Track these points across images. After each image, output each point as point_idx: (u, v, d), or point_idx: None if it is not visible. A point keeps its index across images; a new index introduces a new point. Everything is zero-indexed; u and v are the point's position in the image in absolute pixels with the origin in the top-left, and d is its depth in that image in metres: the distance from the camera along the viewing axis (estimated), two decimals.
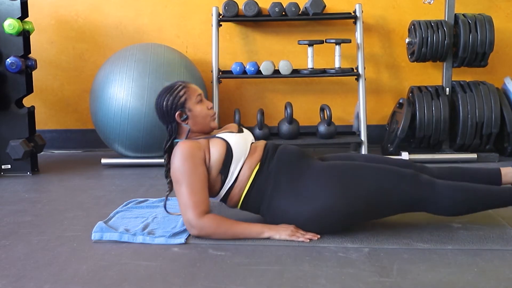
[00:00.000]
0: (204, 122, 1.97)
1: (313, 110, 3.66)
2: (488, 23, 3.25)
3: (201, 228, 1.82)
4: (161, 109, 1.96)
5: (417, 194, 1.83)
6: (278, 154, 1.94)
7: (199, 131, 1.98)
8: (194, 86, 2.01)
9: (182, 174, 1.83)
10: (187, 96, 1.95)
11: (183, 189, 1.83)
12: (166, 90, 1.97)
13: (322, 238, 1.86)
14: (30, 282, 1.57)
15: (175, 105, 1.93)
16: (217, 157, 1.87)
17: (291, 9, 3.43)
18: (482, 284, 1.50)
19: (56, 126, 3.90)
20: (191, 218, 1.82)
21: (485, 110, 3.19)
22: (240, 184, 1.90)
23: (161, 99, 1.96)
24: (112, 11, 3.77)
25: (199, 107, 1.96)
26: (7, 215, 2.27)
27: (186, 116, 1.95)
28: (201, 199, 1.83)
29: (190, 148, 1.86)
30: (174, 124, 1.97)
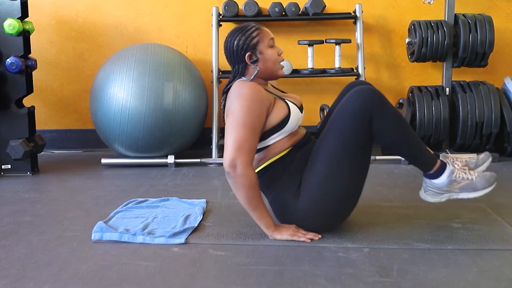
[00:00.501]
0: (273, 67, 1.91)
1: (313, 110, 3.66)
2: (488, 23, 3.25)
3: (244, 175, 1.73)
4: (231, 47, 1.87)
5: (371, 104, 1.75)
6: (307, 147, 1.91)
7: (265, 77, 1.92)
8: (267, 30, 1.93)
9: (247, 113, 1.75)
10: (260, 38, 1.87)
11: (242, 129, 1.74)
12: (239, 29, 1.88)
13: (322, 238, 1.86)
14: (30, 282, 1.57)
15: (247, 45, 1.85)
16: (274, 119, 1.83)
17: (291, 9, 3.43)
18: (482, 284, 1.51)
19: (56, 126, 3.90)
20: (240, 160, 1.73)
21: (485, 110, 3.19)
22: (266, 154, 1.87)
23: (232, 37, 1.87)
24: (112, 11, 3.77)
25: (270, 51, 1.89)
26: (7, 215, 2.27)
27: (256, 58, 1.87)
28: (255, 147, 1.78)
29: (262, 93, 1.81)
30: (242, 65, 1.89)
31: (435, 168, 1.88)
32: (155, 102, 3.09)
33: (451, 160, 1.92)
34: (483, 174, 1.90)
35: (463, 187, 1.88)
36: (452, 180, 1.87)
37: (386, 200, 2.39)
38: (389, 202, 2.35)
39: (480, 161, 1.98)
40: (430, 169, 1.88)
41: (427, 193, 1.93)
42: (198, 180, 2.92)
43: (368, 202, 2.23)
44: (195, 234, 1.93)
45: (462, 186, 1.88)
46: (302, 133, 1.96)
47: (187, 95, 3.21)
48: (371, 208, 2.20)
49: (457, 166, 1.90)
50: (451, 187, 1.88)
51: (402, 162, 3.19)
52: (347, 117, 1.78)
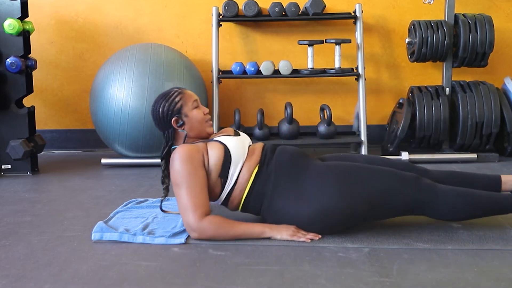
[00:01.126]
0: (201, 127, 1.99)
1: (313, 110, 3.66)
2: (488, 23, 3.25)
3: (202, 230, 1.82)
4: (157, 115, 1.97)
5: (417, 197, 1.82)
6: (277, 155, 1.94)
7: (196, 137, 1.99)
8: (190, 92, 2.02)
9: (181, 176, 1.83)
10: (183, 102, 1.96)
11: (182, 192, 1.83)
12: (162, 96, 1.98)
13: (322, 238, 1.86)
14: (30, 282, 1.57)
15: (171, 111, 1.95)
16: (216, 160, 1.88)
17: (291, 9, 3.43)
18: (482, 284, 1.50)
19: (56, 126, 3.90)
20: (191, 221, 1.81)
21: (485, 110, 3.19)
22: (240, 186, 1.91)
23: (157, 105, 1.97)
24: (112, 11, 3.77)
25: (195, 112, 1.97)
26: (7, 215, 2.27)
27: (183, 122, 1.96)
28: (201, 201, 1.83)
29: (189, 151, 1.86)
30: (171, 130, 1.98)
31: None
32: None
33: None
34: None
35: None
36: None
37: None
38: None
39: None
40: None
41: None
42: None
43: None
44: None
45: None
46: (259, 147, 1.99)
47: None
48: None
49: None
50: None
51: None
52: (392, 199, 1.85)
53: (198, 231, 1.82)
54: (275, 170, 1.90)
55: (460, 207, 1.85)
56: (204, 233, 1.82)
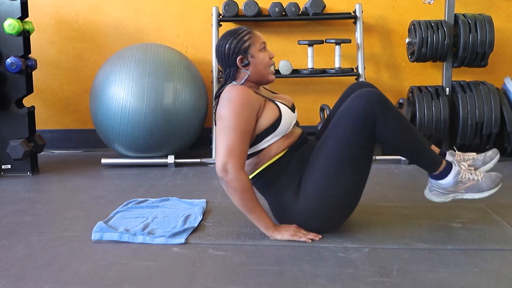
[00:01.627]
0: (264, 71, 1.91)
1: (313, 110, 3.66)
2: (488, 23, 3.25)
3: (236, 179, 1.74)
4: (222, 51, 1.88)
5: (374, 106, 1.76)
6: (304, 147, 1.91)
7: (257, 81, 1.92)
8: (259, 34, 1.94)
9: (237, 117, 1.76)
10: (252, 42, 1.88)
11: (232, 133, 1.75)
12: (230, 33, 1.89)
13: (322, 238, 1.86)
14: (30, 282, 1.57)
15: (238, 49, 1.86)
16: (265, 122, 1.83)
17: (291, 9, 3.43)
18: (482, 284, 1.51)
19: (56, 126, 3.90)
20: (231, 165, 1.74)
21: (485, 110, 3.19)
22: (261, 157, 1.87)
23: (224, 41, 1.88)
24: (112, 11, 3.77)
25: (262, 55, 1.89)
26: (7, 215, 2.27)
27: (248, 62, 1.88)
28: (245, 151, 1.78)
29: (252, 96, 1.81)
30: (233, 69, 1.89)
31: (440, 169, 1.88)
32: (155, 102, 3.09)
33: (457, 160, 1.92)
34: (489, 175, 1.90)
35: (469, 188, 1.88)
36: (458, 181, 1.87)
37: (386, 200, 2.39)
38: (389, 202, 2.35)
39: (487, 158, 1.97)
40: (435, 170, 1.88)
41: (432, 193, 1.93)
42: (198, 180, 2.92)
43: (368, 202, 2.22)
44: (195, 234, 1.93)
45: (467, 187, 1.88)
46: (298, 133, 1.95)
47: (187, 95, 3.21)
48: (371, 208, 2.20)
49: (463, 166, 1.90)
50: (456, 188, 1.88)
51: (402, 162, 3.19)
52: (349, 119, 1.78)
53: (232, 179, 1.74)
54: (296, 161, 1.87)
55: (401, 129, 1.79)
56: (235, 184, 1.75)
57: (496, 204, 2.24)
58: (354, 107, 1.78)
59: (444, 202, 1.93)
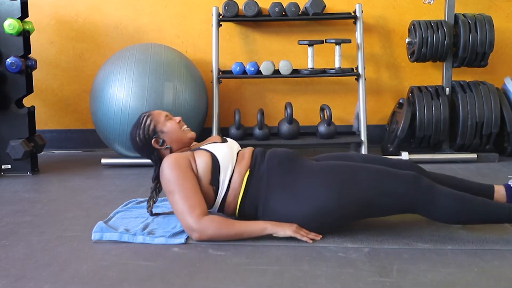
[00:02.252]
0: (181, 136, 2.01)
1: (313, 110, 3.66)
2: (488, 23, 3.25)
3: (202, 230, 1.81)
4: (138, 144, 2.02)
5: (415, 196, 1.80)
6: (268, 157, 1.95)
7: (180, 147, 2.02)
8: (158, 110, 2.06)
9: (172, 182, 1.85)
10: (155, 122, 2.01)
11: (176, 197, 1.84)
12: (134, 127, 2.04)
13: (322, 238, 1.85)
14: (30, 282, 1.57)
15: (148, 134, 1.99)
16: (204, 168, 1.89)
17: (291, 9, 3.43)
18: (482, 284, 1.51)
19: (56, 126, 3.90)
20: (190, 222, 1.81)
21: (485, 110, 3.19)
22: (233, 192, 1.91)
23: (133, 137, 2.02)
24: (112, 11, 3.77)
25: (169, 124, 2.01)
26: (7, 215, 2.27)
27: (163, 140, 1.99)
28: (196, 202, 1.83)
29: (175, 158, 1.89)
30: (156, 153, 2.01)
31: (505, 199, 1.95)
32: (155, 102, 3.09)
33: None
34: None
35: None
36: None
37: None
38: None
39: None
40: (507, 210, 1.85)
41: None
42: None
43: None
44: None
45: None
46: (250, 152, 1.99)
47: (187, 95, 3.21)
48: None
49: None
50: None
51: None
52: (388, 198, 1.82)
53: (199, 231, 1.81)
54: (267, 172, 1.90)
55: (456, 211, 1.81)
56: (205, 233, 1.81)
57: None
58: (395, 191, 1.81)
59: None
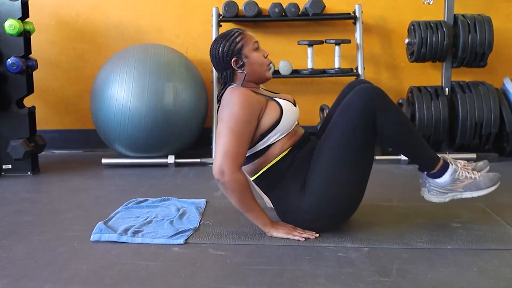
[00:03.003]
0: (260, 70, 1.92)
1: (313, 110, 3.66)
2: (487, 23, 3.26)
3: (233, 180, 1.76)
4: (216, 55, 1.90)
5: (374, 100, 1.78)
6: (308, 146, 1.92)
7: (254, 80, 1.94)
8: (251, 33, 1.95)
9: (236, 118, 1.78)
10: (244, 43, 1.89)
11: (230, 135, 1.77)
12: (222, 36, 1.91)
13: (322, 237, 1.86)
14: (30, 281, 1.58)
15: (232, 51, 1.88)
16: (269, 121, 1.84)
17: (291, 10, 3.44)
18: (482, 284, 1.51)
19: (56, 126, 3.91)
20: (227, 167, 1.75)
21: (484, 110, 3.19)
22: (266, 157, 1.88)
23: (217, 45, 1.90)
24: (112, 12, 3.78)
25: (255, 54, 1.91)
26: (7, 215, 2.28)
27: (243, 63, 1.89)
28: (243, 152, 1.79)
29: (252, 97, 1.82)
30: (229, 71, 1.91)
31: (438, 167, 1.89)
32: (155, 102, 3.09)
33: (453, 160, 1.93)
34: (486, 174, 1.91)
35: (467, 186, 1.89)
36: (455, 179, 1.88)
37: (386, 200, 2.39)
38: (389, 202, 2.36)
39: (478, 167, 1.99)
40: (433, 168, 1.89)
41: (430, 193, 1.93)
42: (198, 180, 2.92)
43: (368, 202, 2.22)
44: (195, 234, 1.94)
45: (465, 185, 1.89)
46: (301, 133, 1.96)
47: (187, 95, 3.21)
48: (371, 208, 2.21)
49: (459, 165, 1.90)
50: (454, 186, 1.89)
51: (402, 162, 3.20)
52: (350, 115, 1.79)
53: (228, 179, 1.75)
54: (300, 160, 1.88)
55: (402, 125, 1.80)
56: (232, 184, 1.76)
57: (495, 204, 2.24)
58: (354, 102, 1.80)
59: (443, 203, 1.94)
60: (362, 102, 1.78)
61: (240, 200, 1.80)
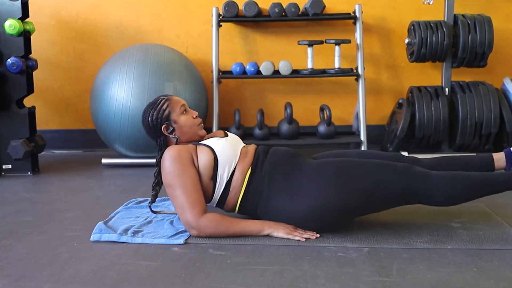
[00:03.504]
0: (191, 131, 1.99)
1: (313, 110, 3.66)
2: (487, 23, 3.26)
3: (201, 228, 1.83)
4: (147, 125, 1.99)
5: (411, 186, 1.82)
6: (270, 156, 1.95)
7: (188, 141, 2.00)
8: (177, 98, 2.03)
9: (173, 176, 1.84)
10: (171, 109, 1.98)
11: (177, 192, 1.84)
12: (149, 106, 2.01)
13: (322, 237, 1.86)
14: (30, 281, 1.58)
15: (160, 119, 1.96)
16: (205, 163, 1.89)
17: (291, 10, 3.44)
18: (482, 284, 1.51)
19: (56, 126, 3.91)
20: (189, 219, 1.82)
21: (484, 110, 3.19)
22: (234, 189, 1.91)
23: (146, 115, 1.99)
24: (112, 12, 3.78)
25: (183, 118, 1.98)
26: (7, 215, 2.28)
27: (173, 128, 1.97)
28: (196, 199, 1.84)
29: (178, 150, 1.88)
30: (162, 138, 1.99)
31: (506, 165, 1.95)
32: None
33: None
34: None
35: None
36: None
37: None
38: None
39: None
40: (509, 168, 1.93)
41: None
42: None
43: None
44: None
45: None
46: (252, 150, 1.99)
47: (187, 95, 3.21)
48: None
49: None
50: None
51: None
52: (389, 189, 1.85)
53: (198, 229, 1.83)
54: (269, 171, 1.90)
55: (456, 191, 1.84)
56: (204, 231, 1.83)
57: (496, 204, 2.24)
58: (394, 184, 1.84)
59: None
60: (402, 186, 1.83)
61: (223, 233, 1.85)
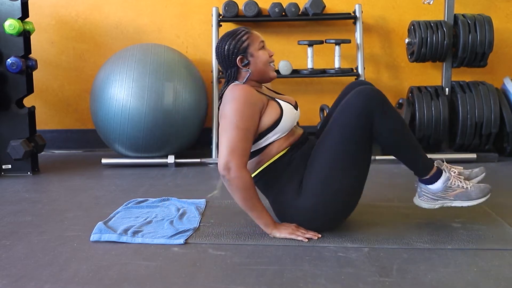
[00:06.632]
0: (265, 69, 1.92)
1: (313, 110, 3.66)
2: (488, 23, 3.26)
3: (238, 177, 1.75)
4: (222, 53, 1.90)
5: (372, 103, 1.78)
6: (306, 146, 1.92)
7: (258, 79, 1.93)
8: (257, 33, 1.95)
9: (240, 114, 1.77)
10: (250, 41, 1.89)
11: (236, 131, 1.76)
12: (229, 34, 1.91)
13: (322, 237, 1.86)
14: (30, 282, 1.58)
15: (238, 49, 1.88)
16: (267, 121, 1.84)
17: (291, 10, 3.44)
18: (482, 284, 1.51)
19: (56, 126, 3.91)
20: (233, 163, 1.75)
21: (485, 110, 3.19)
22: (263, 156, 1.88)
23: (223, 42, 1.90)
24: (112, 11, 3.78)
25: (261, 53, 1.91)
26: (7, 215, 2.28)
27: (248, 62, 1.89)
28: (248, 148, 1.79)
29: (255, 95, 1.82)
30: (234, 69, 1.91)
31: (431, 173, 1.90)
32: (155, 102, 3.09)
33: (447, 168, 1.93)
34: (478, 185, 1.93)
35: (458, 195, 1.90)
36: (447, 187, 1.89)
37: (386, 200, 2.39)
38: (389, 202, 2.35)
39: (473, 174, 2.00)
40: (426, 174, 1.90)
41: (421, 198, 1.95)
42: (198, 180, 2.92)
43: (368, 202, 2.23)
44: (195, 234, 1.93)
45: (456, 194, 1.90)
46: (299, 133, 1.97)
47: (187, 95, 3.21)
48: (371, 208, 2.21)
49: (453, 173, 1.92)
50: (445, 194, 1.90)
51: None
52: (349, 116, 1.79)
53: (234, 176, 1.75)
54: (298, 159, 1.88)
55: (399, 129, 1.82)
56: (236, 182, 1.76)
57: (496, 204, 2.24)
58: (353, 104, 1.80)
59: (433, 209, 1.95)
60: (361, 103, 1.78)
61: (244, 198, 1.80)
